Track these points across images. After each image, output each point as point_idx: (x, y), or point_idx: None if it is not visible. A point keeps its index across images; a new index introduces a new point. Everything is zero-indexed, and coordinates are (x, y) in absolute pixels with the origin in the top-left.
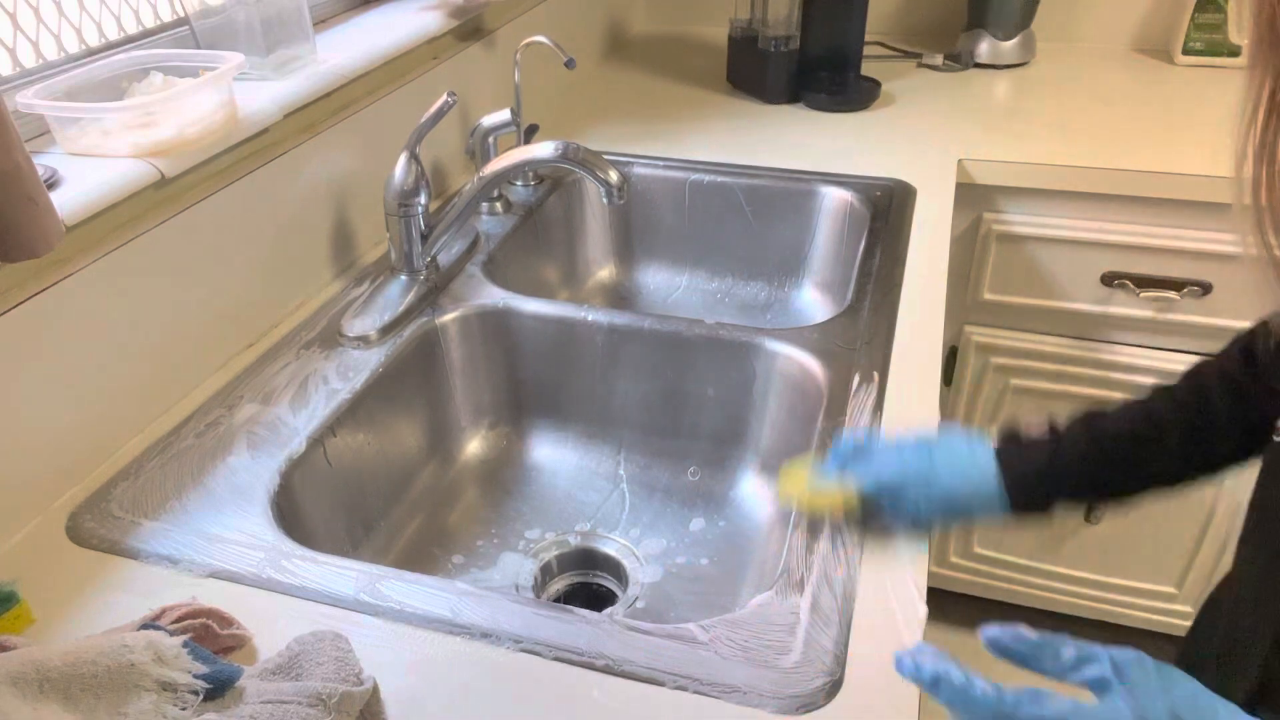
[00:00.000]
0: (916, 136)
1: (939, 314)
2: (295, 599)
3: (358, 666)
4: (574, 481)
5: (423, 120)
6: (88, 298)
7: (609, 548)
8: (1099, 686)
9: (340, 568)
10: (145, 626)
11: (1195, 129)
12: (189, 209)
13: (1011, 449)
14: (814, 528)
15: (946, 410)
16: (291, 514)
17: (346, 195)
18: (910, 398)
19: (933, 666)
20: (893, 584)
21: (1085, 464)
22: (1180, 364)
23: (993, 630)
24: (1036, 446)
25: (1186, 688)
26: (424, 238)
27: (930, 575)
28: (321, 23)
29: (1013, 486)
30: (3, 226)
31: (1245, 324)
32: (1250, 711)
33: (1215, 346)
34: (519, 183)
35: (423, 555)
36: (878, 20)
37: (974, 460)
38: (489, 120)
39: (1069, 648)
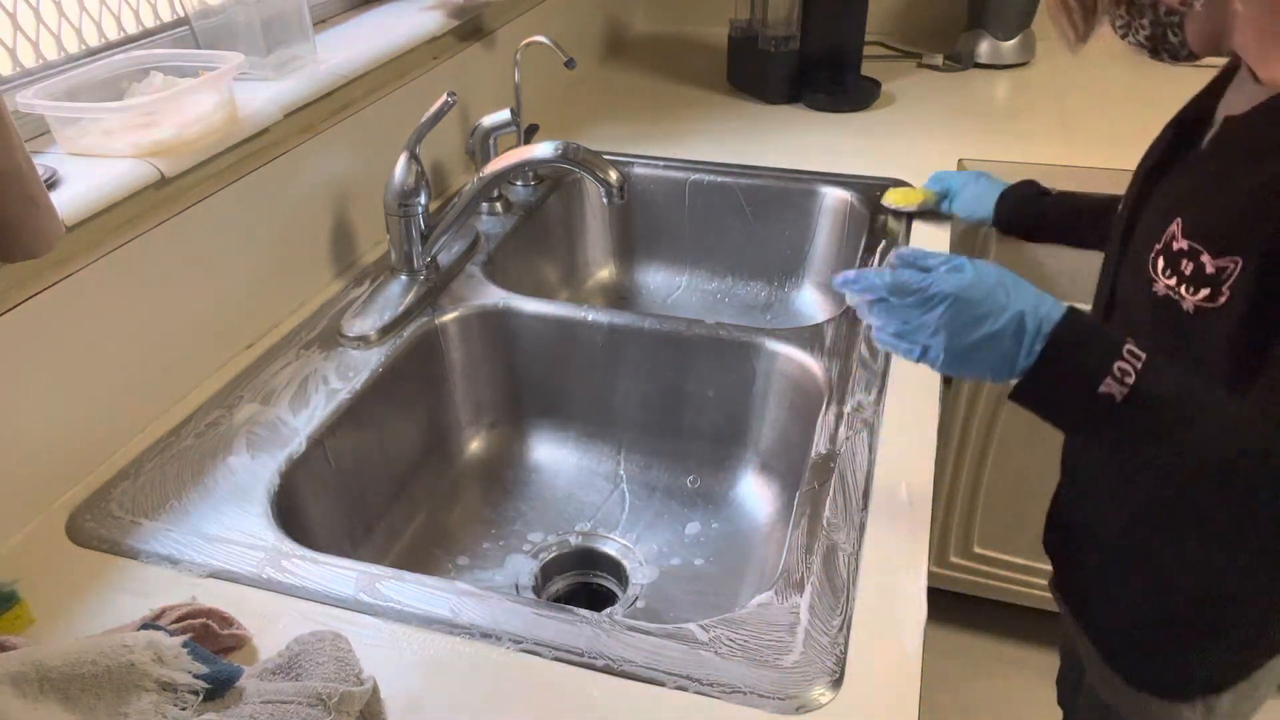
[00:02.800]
0: (916, 137)
1: None
2: (295, 599)
3: (358, 666)
4: (574, 481)
5: (423, 120)
6: (87, 298)
7: (609, 548)
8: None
9: (340, 568)
10: (145, 626)
11: None
12: (189, 209)
13: (1012, 192)
14: (814, 528)
15: (947, 410)
16: (291, 514)
17: (346, 195)
18: (911, 398)
19: (853, 286)
20: (893, 584)
21: (1049, 216)
22: None
23: (848, 274)
24: (1030, 193)
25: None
26: (424, 238)
27: (930, 575)
28: (321, 23)
29: (1001, 211)
30: (3, 227)
31: None
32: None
33: None
34: (519, 183)
35: (423, 555)
36: (878, 20)
37: (990, 190)
38: (489, 120)
39: (918, 268)
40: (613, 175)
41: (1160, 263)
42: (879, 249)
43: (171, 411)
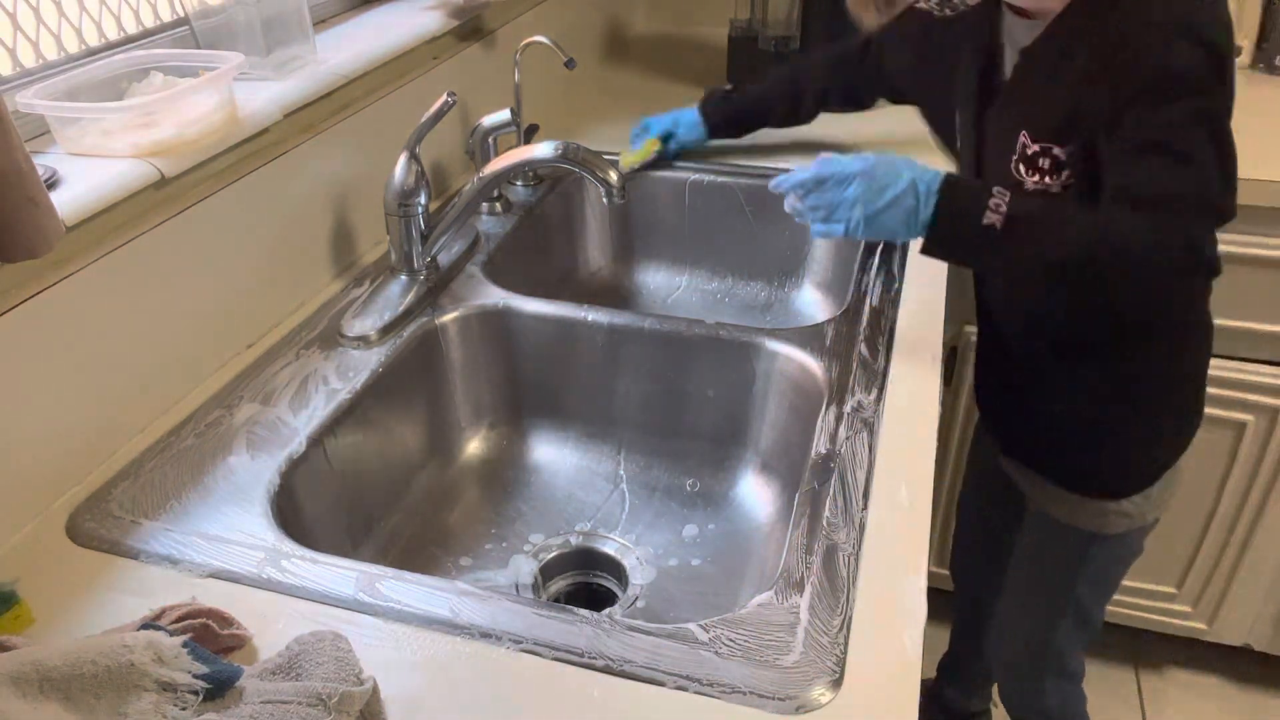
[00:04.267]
0: (917, 135)
1: (939, 314)
2: (295, 599)
3: (358, 666)
4: (574, 481)
5: (423, 120)
6: (88, 298)
7: (609, 548)
8: None
9: (340, 568)
10: (145, 626)
11: None
12: (189, 209)
13: (708, 103)
14: (814, 528)
15: (947, 410)
16: (291, 514)
17: (346, 195)
18: (911, 398)
19: (786, 184)
20: (893, 584)
21: (750, 110)
22: None
23: (781, 178)
24: (720, 95)
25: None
26: (424, 238)
27: (930, 575)
28: (321, 23)
29: (710, 121)
30: (3, 227)
31: (1246, 324)
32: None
33: (1215, 347)
34: (519, 183)
35: (423, 555)
36: None
37: (692, 113)
38: (489, 120)
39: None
40: (613, 175)
41: (1022, 168)
42: (879, 248)
43: (171, 411)
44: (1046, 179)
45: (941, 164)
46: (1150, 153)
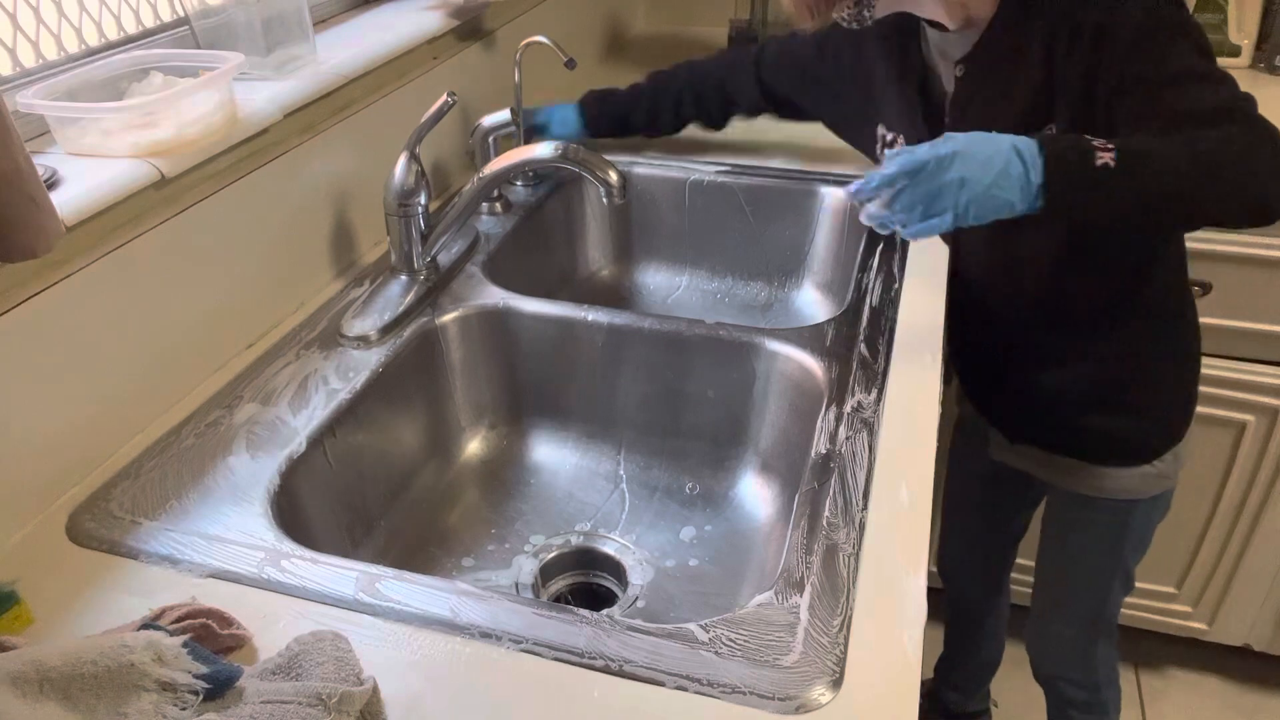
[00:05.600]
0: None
1: (939, 313)
2: (295, 599)
3: (358, 666)
4: (574, 481)
5: (423, 120)
6: (88, 298)
7: (609, 548)
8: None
9: (340, 567)
10: (145, 626)
11: None
12: (189, 209)
13: (590, 99)
14: (814, 528)
15: (947, 410)
16: (291, 514)
17: (346, 195)
18: (910, 398)
19: (870, 187)
20: (893, 584)
21: (632, 113)
22: None
23: (857, 183)
24: (600, 94)
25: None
26: (424, 238)
27: (930, 575)
28: (321, 23)
29: (589, 119)
30: (3, 226)
31: (1245, 324)
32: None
33: (1215, 347)
34: (519, 183)
35: (423, 555)
36: None
37: (570, 107)
38: (489, 120)
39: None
40: (613, 175)
41: None
42: (879, 248)
43: (171, 411)
44: None
45: None
46: (1180, 84)
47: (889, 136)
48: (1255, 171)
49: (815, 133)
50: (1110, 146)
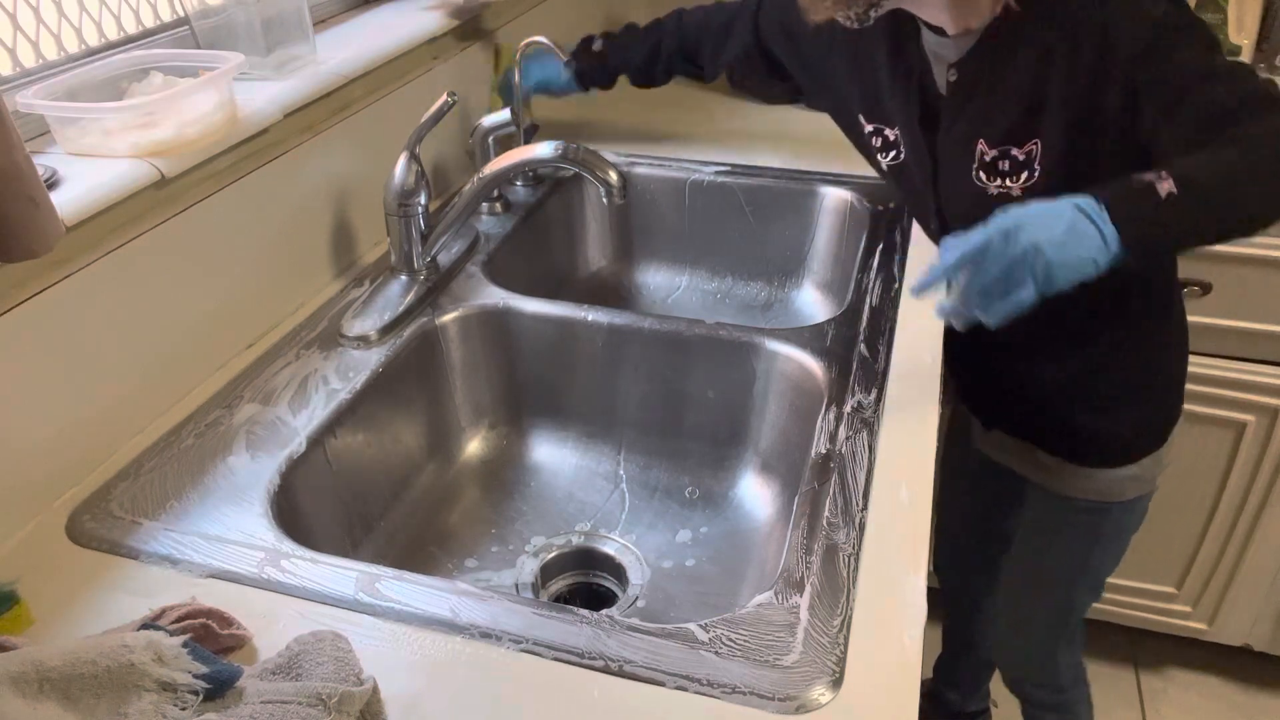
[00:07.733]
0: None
1: None
2: (295, 599)
3: (358, 666)
4: (574, 481)
5: (423, 120)
6: (88, 298)
7: (609, 548)
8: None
9: (340, 568)
10: (145, 626)
11: None
12: (189, 209)
13: (581, 54)
14: (814, 528)
15: (947, 410)
16: (291, 514)
17: (346, 195)
18: (911, 398)
19: (936, 276)
20: (893, 584)
21: (617, 67)
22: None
23: (921, 279)
24: (596, 54)
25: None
26: (424, 238)
27: (930, 575)
28: (321, 23)
29: (578, 72)
30: (3, 227)
31: (1245, 324)
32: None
33: (1215, 347)
34: (519, 183)
35: (423, 555)
36: None
37: (554, 60)
38: (489, 120)
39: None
40: (613, 175)
41: (983, 175)
42: (878, 249)
43: (171, 411)
44: (1008, 181)
45: None
46: (1204, 83)
47: (889, 134)
48: None
49: (816, 132)
50: (1163, 175)
